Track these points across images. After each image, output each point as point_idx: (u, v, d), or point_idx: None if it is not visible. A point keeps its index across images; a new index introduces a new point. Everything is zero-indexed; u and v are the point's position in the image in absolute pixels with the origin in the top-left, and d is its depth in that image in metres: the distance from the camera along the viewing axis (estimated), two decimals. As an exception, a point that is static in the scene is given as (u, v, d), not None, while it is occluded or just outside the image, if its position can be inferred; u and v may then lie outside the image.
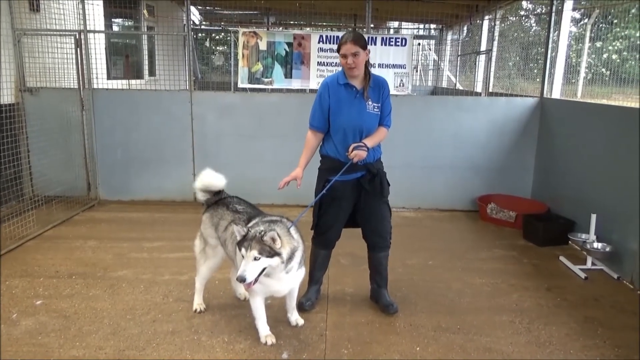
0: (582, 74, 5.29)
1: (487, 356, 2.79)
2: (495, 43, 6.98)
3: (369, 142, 3.01)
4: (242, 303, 3.30)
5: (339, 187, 3.02)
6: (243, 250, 2.50)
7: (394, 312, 3.20)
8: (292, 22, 10.41)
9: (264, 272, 2.55)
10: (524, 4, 7.55)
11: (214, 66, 10.22)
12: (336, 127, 3.03)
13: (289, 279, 2.75)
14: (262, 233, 2.50)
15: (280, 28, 10.80)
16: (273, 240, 2.50)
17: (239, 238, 2.56)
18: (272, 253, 2.51)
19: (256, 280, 2.52)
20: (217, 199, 3.13)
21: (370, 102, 3.03)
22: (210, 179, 3.10)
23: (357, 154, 2.95)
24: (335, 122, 3.02)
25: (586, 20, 5.27)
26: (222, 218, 3.00)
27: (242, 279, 2.46)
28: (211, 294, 3.38)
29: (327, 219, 3.12)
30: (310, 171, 3.12)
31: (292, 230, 2.71)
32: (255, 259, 2.48)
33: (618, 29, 4.93)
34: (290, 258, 2.63)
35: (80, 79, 5.39)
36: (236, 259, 2.80)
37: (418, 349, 2.84)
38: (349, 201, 3.11)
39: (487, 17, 7.76)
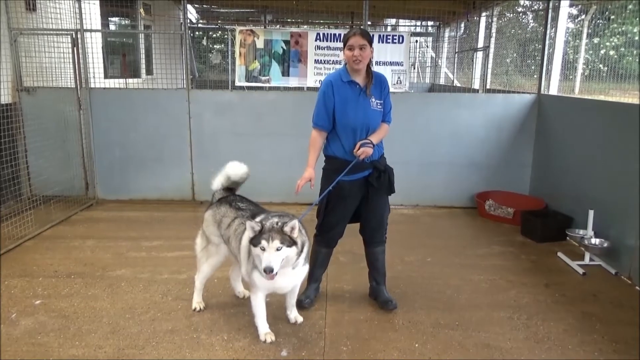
0: (580, 70, 5.29)
1: (485, 352, 2.80)
2: (493, 40, 6.99)
3: (374, 138, 3.03)
4: (241, 301, 3.31)
5: (347, 186, 3.03)
6: (263, 242, 2.52)
7: (392, 309, 3.21)
8: (289, 20, 10.40)
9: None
10: (521, 0, 7.55)
11: (211, 64, 10.22)
12: (343, 126, 3.01)
13: (294, 275, 2.76)
14: (283, 224, 2.55)
15: (278, 26, 10.78)
16: (293, 229, 2.55)
17: (252, 234, 2.57)
18: (291, 243, 2.56)
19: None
20: (220, 197, 3.14)
21: (373, 100, 3.03)
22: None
23: (365, 151, 2.96)
24: (342, 121, 3.00)
25: (583, 17, 5.27)
26: (224, 216, 3.01)
27: (270, 270, 2.48)
28: (210, 293, 3.38)
29: (333, 218, 3.12)
30: (316, 171, 3.12)
31: (300, 225, 2.73)
32: (277, 249, 2.51)
33: (615, 25, 4.94)
34: (300, 251, 2.65)
35: (77, 78, 5.38)
36: (239, 255, 2.81)
37: (417, 345, 2.85)
38: (356, 200, 3.12)
39: (484, 14, 7.77)
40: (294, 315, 3.06)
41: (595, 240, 4.03)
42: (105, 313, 3.14)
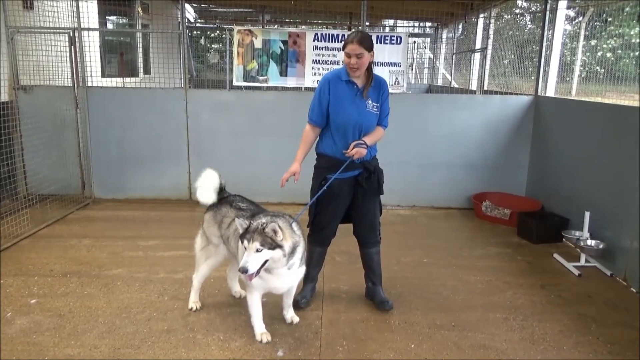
0: (577, 72, 5.30)
1: (481, 353, 2.81)
2: (490, 41, 6.99)
3: (368, 140, 3.04)
4: (238, 301, 3.30)
5: (336, 185, 3.03)
6: (245, 242, 2.51)
7: (389, 309, 3.21)
8: (287, 20, 10.40)
9: (265, 266, 2.56)
10: (519, 2, 7.56)
11: (209, 64, 10.21)
12: (336, 124, 3.03)
13: (290, 276, 2.76)
14: (264, 225, 2.51)
15: (276, 26, 10.78)
16: (274, 232, 2.51)
17: (241, 231, 2.57)
18: (274, 245, 2.52)
19: (258, 272, 2.53)
20: (220, 198, 3.13)
21: (369, 102, 3.04)
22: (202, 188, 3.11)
23: (358, 152, 2.98)
24: (335, 119, 3.03)
25: (581, 19, 5.28)
26: (225, 216, 3.01)
27: (244, 270, 2.46)
28: (206, 292, 3.38)
29: (324, 217, 3.12)
30: (307, 168, 3.13)
31: (294, 225, 2.72)
32: (257, 250, 2.49)
33: (612, 27, 4.95)
34: (292, 252, 2.63)
35: (75, 77, 5.36)
36: (238, 255, 2.80)
37: (413, 346, 2.85)
38: (346, 199, 3.12)
39: (482, 15, 7.77)
40: (290, 315, 3.06)
41: (591, 242, 4.04)
42: (101, 312, 3.13)
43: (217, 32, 11.88)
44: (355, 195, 3.12)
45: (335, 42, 5.48)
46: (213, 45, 12.24)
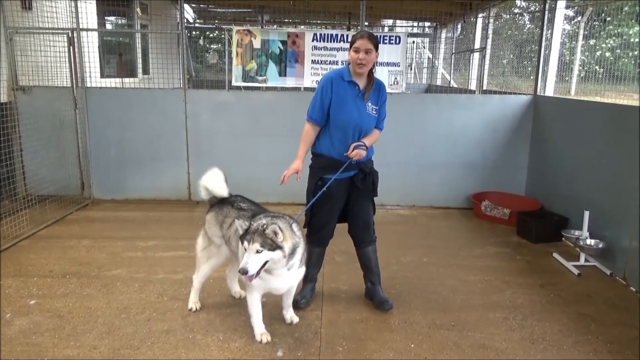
0: (576, 72, 5.31)
1: (481, 353, 2.81)
2: (489, 41, 7.00)
3: (367, 142, 3.06)
4: (237, 301, 3.30)
5: (333, 185, 3.04)
6: (245, 243, 2.52)
7: (388, 309, 3.21)
8: (286, 20, 10.40)
9: (265, 267, 2.56)
10: (518, 2, 7.57)
11: (208, 64, 10.20)
12: (336, 124, 3.03)
13: (290, 277, 2.76)
14: (265, 226, 2.52)
15: (275, 26, 10.78)
16: (275, 233, 2.52)
17: (241, 232, 2.57)
18: (274, 246, 2.52)
19: (258, 273, 2.53)
20: (222, 198, 3.13)
21: (369, 104, 3.06)
22: (213, 184, 3.11)
23: (358, 153, 2.99)
24: (335, 119, 3.03)
25: (579, 18, 5.29)
26: (226, 216, 3.02)
27: (244, 271, 2.47)
28: (206, 293, 3.38)
29: (321, 217, 3.13)
30: (306, 169, 3.13)
31: (294, 226, 2.72)
32: (257, 251, 2.50)
33: (611, 27, 4.96)
34: (292, 253, 2.64)
35: (73, 77, 5.36)
36: (239, 255, 2.80)
37: (412, 345, 2.85)
38: (342, 199, 3.13)
39: (481, 15, 7.78)
40: (290, 315, 3.06)
41: (590, 241, 4.04)
42: (101, 313, 3.13)
43: (216, 32, 11.87)
44: (350, 196, 3.14)
45: (334, 42, 5.48)
46: (212, 46, 12.23)
